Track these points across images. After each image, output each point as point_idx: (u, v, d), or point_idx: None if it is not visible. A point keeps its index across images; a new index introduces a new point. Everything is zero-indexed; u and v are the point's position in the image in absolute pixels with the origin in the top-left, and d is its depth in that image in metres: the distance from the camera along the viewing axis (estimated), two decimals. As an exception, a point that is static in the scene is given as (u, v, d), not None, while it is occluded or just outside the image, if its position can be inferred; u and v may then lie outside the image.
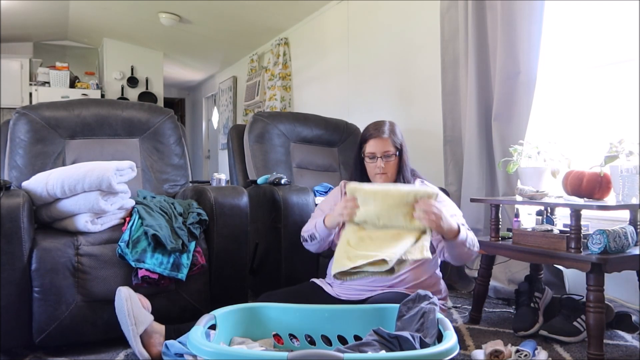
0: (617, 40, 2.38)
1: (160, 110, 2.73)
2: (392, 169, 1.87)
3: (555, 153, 2.20)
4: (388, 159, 1.85)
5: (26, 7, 5.36)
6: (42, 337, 1.80)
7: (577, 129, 2.59)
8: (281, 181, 2.56)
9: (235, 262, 2.14)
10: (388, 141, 1.85)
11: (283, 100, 5.23)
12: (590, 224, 2.13)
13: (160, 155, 2.63)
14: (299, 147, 3.25)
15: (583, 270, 1.80)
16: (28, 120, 2.41)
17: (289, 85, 5.29)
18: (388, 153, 1.85)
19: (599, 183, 1.92)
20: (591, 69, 2.53)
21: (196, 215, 2.07)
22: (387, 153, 1.85)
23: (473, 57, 2.76)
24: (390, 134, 1.87)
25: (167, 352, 1.67)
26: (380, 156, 1.85)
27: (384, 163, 1.85)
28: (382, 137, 1.85)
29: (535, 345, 1.81)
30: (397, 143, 1.88)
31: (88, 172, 1.95)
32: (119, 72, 6.80)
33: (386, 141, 1.85)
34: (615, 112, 2.42)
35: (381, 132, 1.86)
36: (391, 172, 1.87)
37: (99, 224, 1.97)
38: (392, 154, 1.85)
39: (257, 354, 1.21)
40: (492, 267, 2.25)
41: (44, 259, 1.81)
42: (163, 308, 1.95)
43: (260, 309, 1.56)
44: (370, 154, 1.87)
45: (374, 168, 1.86)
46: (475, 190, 2.76)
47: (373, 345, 1.23)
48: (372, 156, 1.87)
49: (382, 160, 1.85)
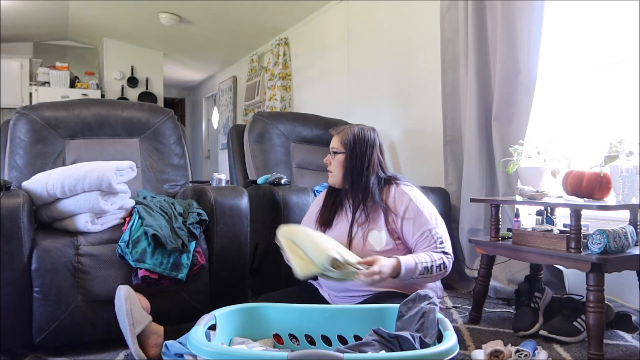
0: (617, 40, 2.38)
1: (160, 110, 2.73)
2: (336, 169, 1.86)
3: (555, 153, 2.20)
4: (334, 156, 1.86)
5: (26, 7, 5.36)
6: (42, 337, 1.80)
7: (577, 129, 2.59)
8: (281, 181, 2.57)
9: (235, 262, 2.14)
10: (338, 138, 1.86)
11: (283, 100, 5.23)
12: (590, 224, 2.13)
13: (160, 155, 2.63)
14: (299, 147, 3.25)
15: (583, 270, 1.80)
16: (28, 120, 2.41)
17: (289, 85, 5.29)
18: (334, 149, 1.86)
19: (599, 183, 1.92)
20: (591, 69, 2.53)
21: (196, 215, 2.07)
22: (333, 149, 1.86)
23: (473, 57, 2.76)
24: (343, 134, 1.86)
25: (167, 352, 1.67)
26: (330, 152, 1.88)
27: (330, 159, 1.87)
28: (335, 134, 1.89)
29: (535, 345, 1.81)
30: (347, 144, 1.85)
31: (88, 172, 1.95)
32: (119, 72, 6.80)
33: (337, 138, 1.87)
34: (615, 112, 2.42)
35: (336, 131, 1.89)
36: (335, 172, 1.86)
37: (99, 224, 1.97)
38: (337, 151, 1.85)
39: (257, 354, 1.21)
40: (492, 267, 2.25)
41: (44, 259, 1.81)
42: (163, 308, 1.95)
43: (260, 309, 1.56)
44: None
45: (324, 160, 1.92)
46: (475, 190, 2.76)
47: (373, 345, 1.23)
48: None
49: (329, 155, 1.88)
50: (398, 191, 1.81)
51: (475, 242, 2.25)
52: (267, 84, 5.57)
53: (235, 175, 3.23)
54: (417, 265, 1.64)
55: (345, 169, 1.84)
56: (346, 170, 1.83)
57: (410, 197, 1.79)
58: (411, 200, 1.78)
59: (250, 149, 3.10)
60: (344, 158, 1.84)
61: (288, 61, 5.31)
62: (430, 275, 1.68)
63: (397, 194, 1.81)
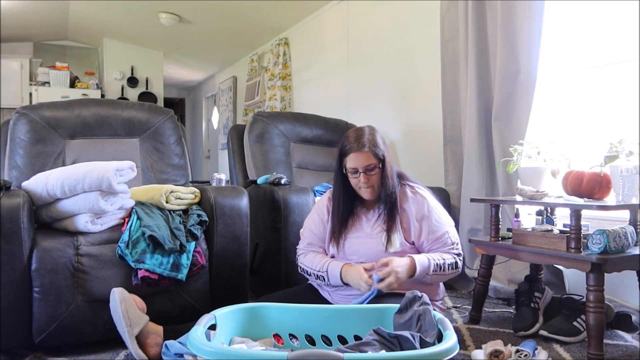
0: (617, 40, 2.38)
1: (160, 110, 2.73)
2: (376, 181, 1.77)
3: (555, 153, 2.20)
4: (371, 172, 1.75)
5: (26, 7, 5.36)
6: (42, 337, 1.80)
7: (577, 129, 2.59)
8: (281, 181, 2.57)
9: (235, 262, 2.14)
10: (370, 154, 1.73)
11: (283, 100, 5.23)
12: (590, 224, 2.13)
13: (160, 155, 2.63)
14: (299, 147, 3.25)
15: (583, 270, 1.80)
16: (28, 120, 2.41)
17: (289, 85, 5.29)
18: (370, 167, 1.74)
19: (599, 183, 1.92)
20: (591, 69, 2.53)
21: (196, 217, 2.07)
22: (369, 167, 1.74)
23: (473, 57, 2.76)
24: (371, 145, 1.74)
25: (167, 352, 1.67)
26: (363, 171, 1.74)
27: (367, 177, 1.75)
28: (362, 151, 1.73)
29: (535, 345, 1.81)
30: (380, 154, 1.75)
31: (88, 172, 1.95)
32: (119, 72, 6.80)
33: (367, 154, 1.73)
34: (615, 112, 2.42)
35: (361, 145, 1.73)
36: (377, 184, 1.77)
37: (99, 224, 1.97)
38: (375, 166, 1.75)
39: (257, 354, 1.21)
40: (492, 267, 2.25)
41: (44, 259, 1.81)
42: (163, 308, 1.95)
43: (260, 309, 1.56)
44: (351, 169, 1.76)
45: (357, 182, 1.77)
46: (475, 190, 2.76)
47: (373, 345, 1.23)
48: (354, 171, 1.76)
49: (365, 174, 1.75)
50: (416, 196, 1.81)
51: (475, 242, 2.25)
52: (267, 84, 5.57)
53: (235, 175, 3.23)
54: (430, 262, 1.68)
55: (383, 179, 1.77)
56: (384, 180, 1.77)
57: (427, 202, 1.80)
58: (429, 206, 1.80)
59: (250, 149, 3.10)
60: (382, 169, 1.77)
61: (288, 61, 5.31)
62: (443, 274, 1.72)
63: (415, 198, 1.81)
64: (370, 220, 1.83)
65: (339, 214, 1.84)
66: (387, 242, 1.76)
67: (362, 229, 1.83)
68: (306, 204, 2.43)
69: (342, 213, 1.83)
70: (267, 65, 5.71)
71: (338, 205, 1.84)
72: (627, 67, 2.33)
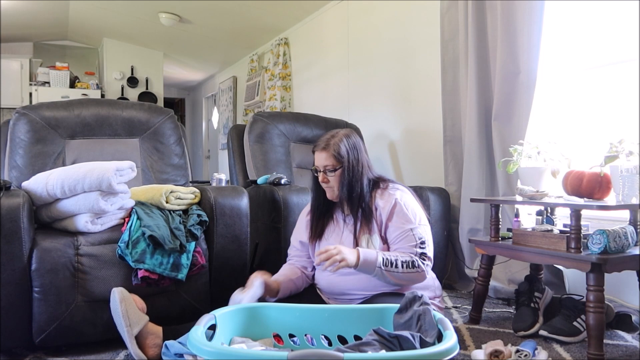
0: (617, 40, 2.38)
1: (160, 110, 2.73)
2: (336, 184, 1.80)
3: (555, 153, 2.20)
4: (330, 173, 1.79)
5: (26, 7, 5.36)
6: (42, 337, 1.80)
7: (577, 129, 2.59)
8: (281, 181, 2.57)
9: (235, 262, 2.14)
10: (329, 155, 1.79)
11: (283, 100, 5.23)
12: (590, 224, 2.13)
13: (160, 155, 2.63)
14: (299, 147, 3.25)
15: (583, 270, 1.80)
16: (28, 120, 2.41)
17: (289, 85, 5.29)
18: (328, 167, 1.79)
19: (599, 183, 1.92)
20: (591, 69, 2.53)
21: (196, 217, 2.07)
22: (327, 167, 1.79)
23: (473, 57, 2.76)
24: (334, 147, 1.79)
25: (167, 352, 1.67)
26: (322, 170, 1.81)
27: (326, 177, 1.80)
28: (322, 151, 1.80)
29: (535, 345, 1.81)
30: (341, 157, 1.79)
31: (88, 172, 1.95)
32: (119, 72, 6.80)
33: (327, 155, 1.79)
34: (615, 112, 2.42)
35: (323, 146, 1.81)
36: (336, 186, 1.81)
37: (99, 224, 1.97)
38: (333, 168, 1.79)
39: (257, 354, 1.21)
40: (492, 267, 2.25)
41: (44, 259, 1.81)
42: (163, 308, 1.95)
43: (260, 309, 1.56)
44: (314, 168, 1.85)
45: (320, 182, 1.83)
46: (475, 190, 2.76)
47: (373, 345, 1.23)
48: (315, 169, 1.84)
49: (323, 174, 1.81)
50: (385, 194, 1.82)
51: (475, 242, 2.25)
52: (267, 84, 5.57)
53: (235, 175, 3.23)
54: (377, 255, 1.67)
55: (342, 182, 1.79)
56: (344, 183, 1.79)
57: (396, 198, 1.80)
58: (396, 201, 1.79)
59: (250, 149, 3.10)
60: (341, 171, 1.79)
61: (288, 61, 5.31)
62: (396, 270, 1.67)
63: (384, 196, 1.82)
64: (348, 224, 1.86)
65: (315, 217, 1.91)
66: (355, 244, 1.78)
67: (340, 232, 1.86)
68: (306, 204, 2.42)
69: (316, 212, 1.91)
70: (267, 65, 5.71)
71: (314, 206, 1.92)
72: (627, 67, 2.33)
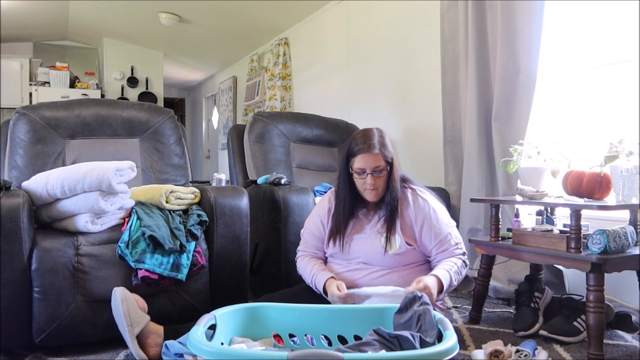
0: (617, 40, 2.38)
1: (160, 110, 2.73)
2: (382, 183, 1.77)
3: (555, 153, 2.20)
4: (378, 175, 1.75)
5: (26, 7, 5.36)
6: (42, 337, 1.80)
7: (577, 129, 2.59)
8: (281, 181, 2.57)
9: (235, 262, 2.14)
10: (379, 156, 1.74)
11: (283, 100, 5.23)
12: (590, 224, 2.13)
13: (160, 155, 2.63)
14: (299, 147, 3.25)
15: (583, 270, 1.80)
16: (28, 120, 2.41)
17: (289, 85, 5.29)
18: (379, 169, 1.74)
19: (599, 183, 1.92)
20: (591, 69, 2.53)
21: (196, 217, 2.07)
22: (377, 169, 1.74)
23: (473, 57, 2.76)
24: (381, 147, 1.75)
25: (167, 352, 1.67)
26: (370, 172, 1.74)
27: (374, 179, 1.75)
28: (372, 152, 1.73)
29: (535, 345, 1.81)
30: (388, 157, 1.76)
31: (88, 172, 1.95)
32: (119, 72, 6.80)
33: (377, 156, 1.74)
34: (615, 112, 2.42)
35: (371, 147, 1.73)
36: (382, 187, 1.78)
37: (99, 224, 1.97)
38: (383, 168, 1.75)
39: (257, 354, 1.21)
40: (492, 267, 2.25)
41: (44, 259, 1.80)
42: (163, 308, 1.95)
43: (260, 309, 1.56)
44: (359, 170, 1.76)
45: (363, 184, 1.77)
46: (475, 190, 2.76)
47: (373, 345, 1.23)
48: (361, 172, 1.76)
49: (372, 176, 1.75)
50: (417, 200, 1.82)
51: (475, 242, 2.25)
52: (267, 84, 5.57)
53: (235, 175, 3.23)
54: (449, 273, 1.73)
55: (388, 182, 1.77)
56: (391, 183, 1.77)
57: (429, 205, 1.81)
58: (430, 209, 1.81)
59: (250, 149, 3.10)
60: (388, 172, 1.77)
61: (288, 61, 5.31)
62: (461, 276, 1.78)
63: (417, 203, 1.82)
64: (371, 222, 1.84)
65: (341, 214, 1.84)
66: (386, 243, 1.78)
67: (363, 230, 1.84)
68: (306, 204, 2.43)
69: (344, 213, 1.84)
70: (267, 65, 5.71)
71: (342, 205, 1.84)
72: (627, 67, 2.33)
